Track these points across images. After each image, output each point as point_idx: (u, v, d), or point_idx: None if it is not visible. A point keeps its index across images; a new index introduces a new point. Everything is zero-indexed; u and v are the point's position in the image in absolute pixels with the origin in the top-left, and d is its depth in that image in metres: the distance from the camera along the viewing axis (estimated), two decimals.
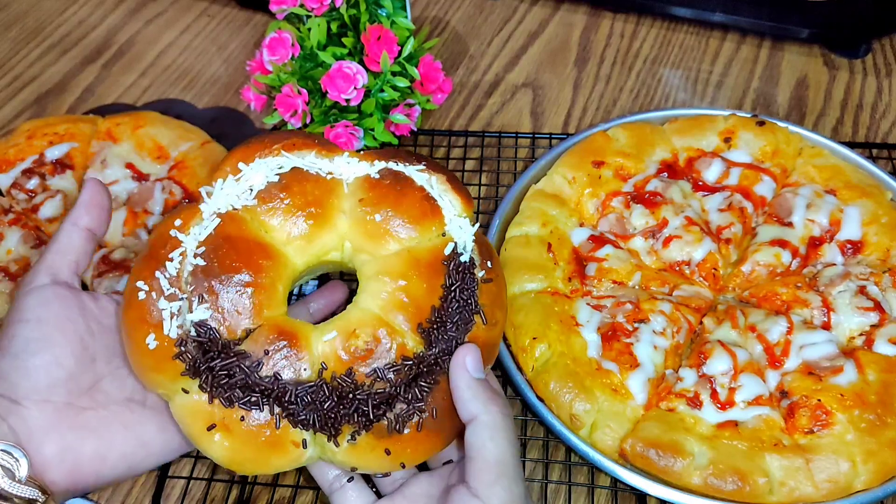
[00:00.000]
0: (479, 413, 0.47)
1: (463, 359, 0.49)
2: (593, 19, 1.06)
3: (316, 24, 0.79)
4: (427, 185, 0.55)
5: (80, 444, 0.48)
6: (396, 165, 0.56)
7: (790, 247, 0.72)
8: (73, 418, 0.48)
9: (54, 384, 0.48)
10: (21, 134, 0.84)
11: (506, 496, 0.46)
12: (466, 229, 0.54)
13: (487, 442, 0.46)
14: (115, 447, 0.50)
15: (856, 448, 0.59)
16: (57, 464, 0.47)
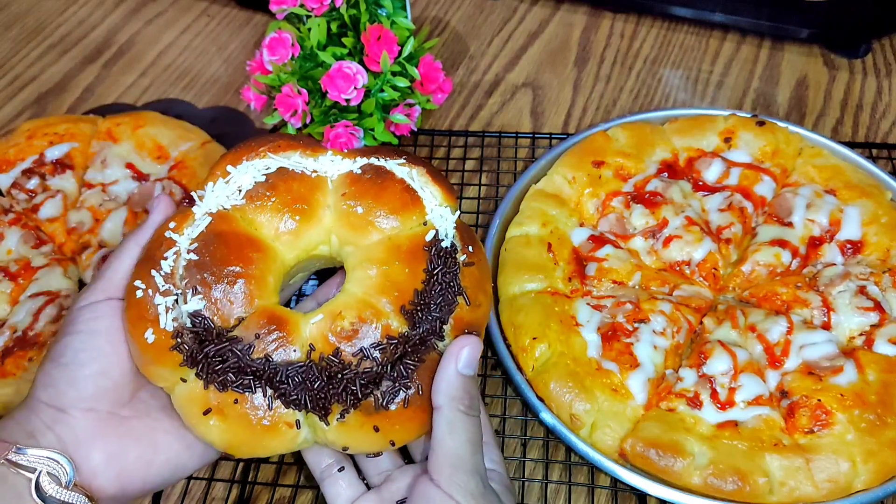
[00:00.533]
0: (443, 405, 0.49)
1: (459, 349, 0.50)
2: (593, 19, 1.06)
3: (316, 24, 0.79)
4: (408, 177, 0.57)
5: (126, 451, 0.50)
6: (378, 161, 0.58)
7: (790, 247, 0.72)
8: (118, 426, 0.50)
9: (100, 394, 0.49)
10: (21, 134, 0.84)
11: (463, 487, 0.47)
12: (447, 217, 0.55)
13: (446, 436, 0.49)
14: (160, 452, 0.51)
15: (856, 448, 0.59)
16: (104, 470, 0.48)
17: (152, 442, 0.51)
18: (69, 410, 0.48)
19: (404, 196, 0.56)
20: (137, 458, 0.50)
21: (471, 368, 0.50)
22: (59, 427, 0.48)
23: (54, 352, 0.50)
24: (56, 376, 0.49)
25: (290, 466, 0.66)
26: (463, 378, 0.50)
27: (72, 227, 0.78)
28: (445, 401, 0.49)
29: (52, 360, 0.49)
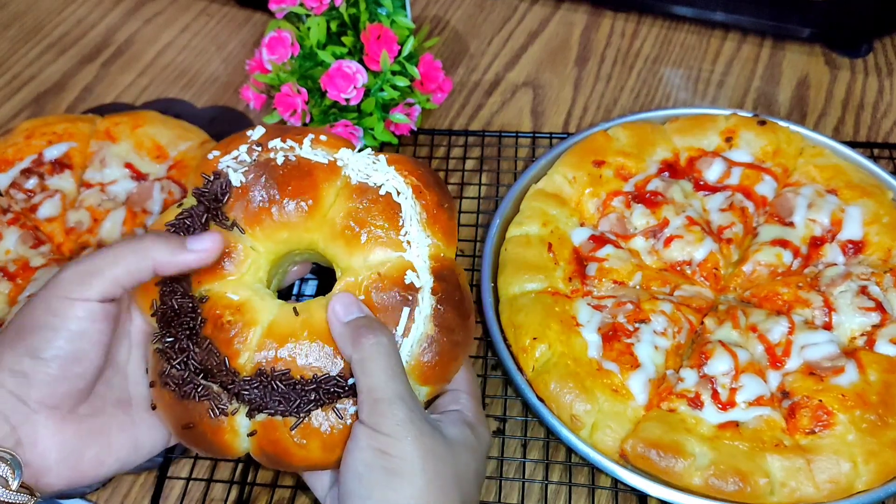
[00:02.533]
0: (351, 353, 0.48)
1: (332, 308, 0.50)
2: (594, 18, 1.06)
3: (315, 23, 0.79)
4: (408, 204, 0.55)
5: (82, 452, 0.49)
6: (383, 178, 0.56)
7: (791, 247, 0.72)
8: (77, 426, 0.49)
9: (70, 395, 0.48)
10: (19, 133, 0.83)
11: (388, 417, 0.46)
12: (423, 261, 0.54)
13: (360, 376, 0.48)
14: (112, 452, 0.50)
15: (857, 448, 0.59)
16: (57, 470, 0.47)
17: (107, 443, 0.50)
18: (33, 406, 0.46)
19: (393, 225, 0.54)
20: (91, 458, 0.49)
21: (354, 311, 0.50)
22: (17, 419, 0.46)
23: (35, 340, 0.47)
24: (32, 370, 0.46)
25: None
26: (353, 323, 0.49)
27: (70, 226, 0.77)
28: (350, 349, 0.48)
29: (31, 351, 0.46)
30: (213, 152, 0.56)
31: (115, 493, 0.66)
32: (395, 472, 0.45)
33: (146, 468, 0.66)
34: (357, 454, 0.46)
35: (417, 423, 0.47)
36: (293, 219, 0.54)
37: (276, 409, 0.49)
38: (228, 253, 0.53)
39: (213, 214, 0.53)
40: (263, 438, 0.50)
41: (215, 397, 0.49)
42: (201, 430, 0.50)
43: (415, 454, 0.46)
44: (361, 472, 0.46)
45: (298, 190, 0.54)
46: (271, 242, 0.54)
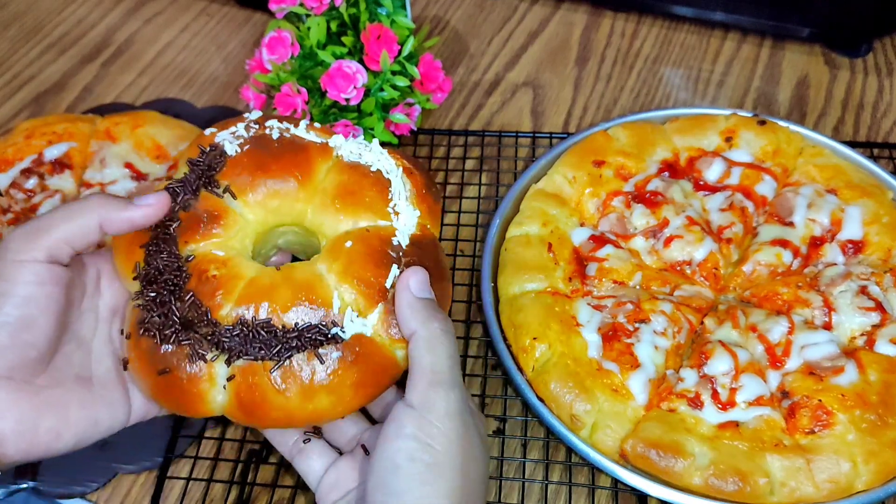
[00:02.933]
0: (417, 328, 0.48)
1: (406, 280, 0.50)
2: (594, 18, 1.06)
3: (315, 23, 0.79)
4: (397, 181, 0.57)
5: (38, 423, 0.47)
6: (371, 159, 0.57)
7: (791, 246, 0.72)
8: (33, 397, 0.48)
9: (23, 364, 0.47)
10: (19, 133, 0.83)
11: (441, 404, 0.45)
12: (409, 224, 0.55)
13: (424, 354, 0.47)
14: (71, 426, 0.49)
15: (857, 448, 0.59)
16: (13, 440, 0.46)
17: (65, 416, 0.49)
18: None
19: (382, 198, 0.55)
20: (48, 430, 0.48)
21: (426, 292, 0.49)
22: None
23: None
24: None
25: (289, 467, 0.65)
26: (425, 301, 0.49)
27: None
28: (418, 324, 0.47)
29: None
30: (210, 129, 0.57)
31: (115, 493, 0.66)
32: (435, 468, 0.44)
33: (146, 468, 0.66)
34: (400, 443, 0.45)
35: (465, 416, 0.46)
36: (285, 188, 0.55)
37: (256, 354, 0.48)
38: (218, 217, 0.53)
39: (205, 182, 0.54)
40: (242, 383, 0.49)
41: (196, 342, 0.49)
42: (177, 377, 0.49)
43: (457, 451, 0.45)
44: (401, 464, 0.44)
45: (292, 163, 0.55)
46: (262, 210, 0.55)
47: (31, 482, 0.66)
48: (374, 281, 0.51)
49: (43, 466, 0.66)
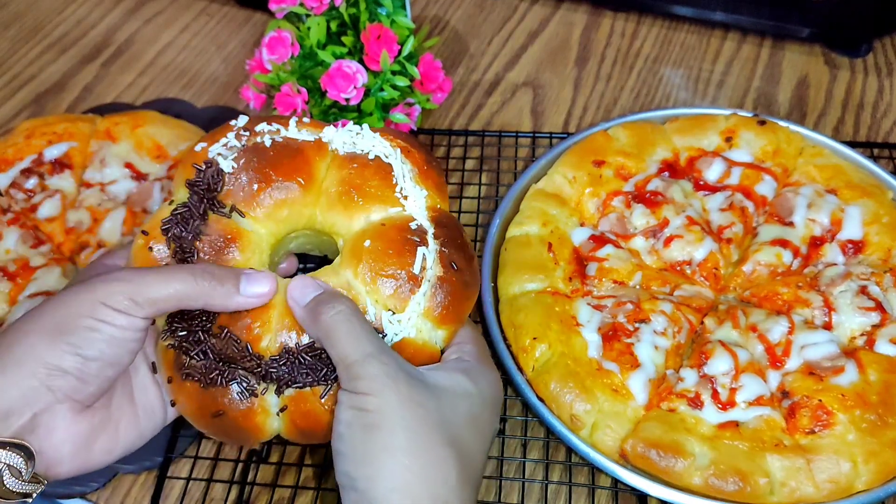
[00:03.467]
0: (315, 333, 0.49)
1: (289, 295, 0.50)
2: (594, 18, 1.06)
3: (315, 23, 0.79)
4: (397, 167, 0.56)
5: (93, 443, 0.49)
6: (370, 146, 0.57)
7: (791, 246, 0.72)
8: (91, 418, 0.49)
9: (95, 394, 0.49)
10: (19, 133, 0.83)
11: (361, 381, 0.46)
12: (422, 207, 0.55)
13: (329, 350, 0.48)
14: (120, 442, 0.51)
15: (857, 448, 0.59)
16: (69, 460, 0.48)
17: (116, 433, 0.51)
18: (59, 396, 0.46)
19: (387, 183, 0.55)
20: (101, 448, 0.50)
21: (306, 296, 0.50)
22: (40, 407, 0.46)
23: (77, 340, 0.46)
24: (72, 366, 0.46)
25: (289, 467, 0.66)
26: (308, 306, 0.49)
27: (70, 226, 0.77)
28: (312, 330, 0.49)
29: (74, 348, 0.46)
30: (199, 144, 0.56)
31: (115, 493, 0.66)
32: (373, 427, 0.45)
33: (146, 468, 0.66)
34: (340, 416, 0.47)
35: (393, 375, 0.47)
36: (290, 195, 0.54)
37: (304, 381, 0.49)
38: (232, 240, 0.53)
39: (209, 204, 0.53)
40: (295, 412, 0.50)
41: (243, 379, 0.50)
42: (231, 417, 0.50)
43: (392, 405, 0.45)
44: (342, 431, 0.46)
45: (292, 168, 0.54)
46: (272, 222, 0.55)
47: None
48: (402, 273, 0.51)
49: None
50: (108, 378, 0.49)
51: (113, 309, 0.47)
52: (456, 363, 0.53)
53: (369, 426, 0.45)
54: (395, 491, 0.44)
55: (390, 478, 0.44)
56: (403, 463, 0.44)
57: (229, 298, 0.49)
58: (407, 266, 0.51)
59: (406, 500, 0.44)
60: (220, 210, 0.53)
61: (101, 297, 0.47)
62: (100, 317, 0.47)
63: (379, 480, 0.44)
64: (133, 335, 0.49)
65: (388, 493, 0.44)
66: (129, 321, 0.48)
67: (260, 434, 0.51)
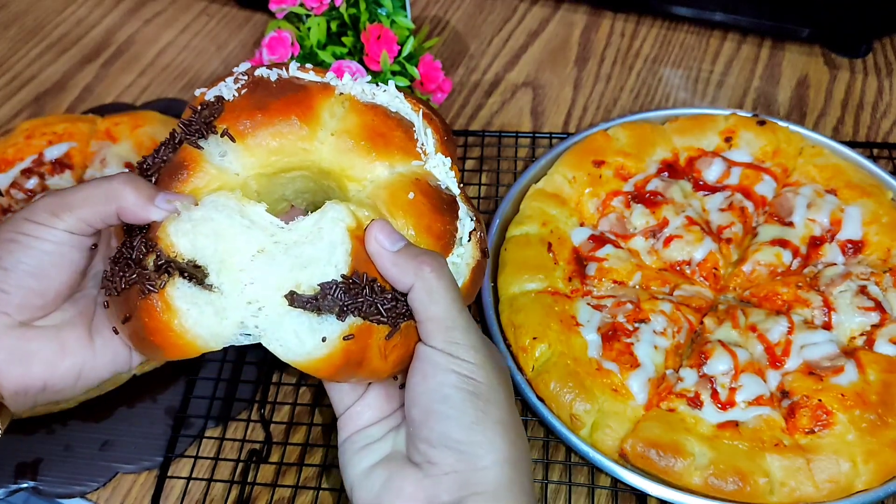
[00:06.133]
0: (412, 281, 0.47)
1: (374, 238, 0.47)
2: (593, 18, 1.06)
3: (315, 24, 0.79)
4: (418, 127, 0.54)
5: (31, 352, 0.48)
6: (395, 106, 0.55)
7: (791, 246, 0.72)
8: (28, 330, 0.49)
9: (22, 308, 0.48)
10: (20, 133, 0.83)
11: (465, 342, 0.46)
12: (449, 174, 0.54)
13: (429, 305, 0.46)
14: (67, 356, 0.49)
15: (857, 448, 0.59)
16: (5, 368, 0.47)
17: (60, 345, 0.49)
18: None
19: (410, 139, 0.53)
20: (43, 360, 0.49)
21: (399, 240, 0.48)
22: None
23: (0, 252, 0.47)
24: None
25: (289, 467, 0.66)
26: (404, 251, 0.47)
27: None
28: (411, 277, 0.47)
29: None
30: (199, 90, 0.55)
31: (115, 493, 0.66)
32: (482, 398, 0.45)
33: (146, 468, 0.66)
34: (441, 377, 0.46)
35: (486, 349, 0.47)
36: (286, 127, 0.52)
37: (370, 314, 0.46)
38: (187, 167, 0.50)
39: (198, 133, 0.51)
40: (354, 344, 0.46)
41: (143, 277, 0.46)
42: (138, 318, 0.46)
43: (496, 380, 0.46)
44: (449, 393, 0.45)
45: (293, 100, 0.52)
46: (263, 152, 0.52)
47: (30, 482, 0.66)
48: (444, 229, 0.50)
49: (43, 465, 0.66)
50: (32, 291, 0.48)
51: (33, 222, 0.47)
52: None
53: (479, 395, 0.45)
54: (505, 462, 0.45)
55: (500, 449, 0.45)
56: (510, 437, 0.46)
57: (143, 207, 0.48)
58: (447, 225, 0.50)
59: (513, 471, 0.45)
60: (208, 137, 0.51)
61: (25, 213, 0.48)
62: (22, 230, 0.47)
63: (489, 449, 0.45)
64: (56, 248, 0.48)
65: (499, 463, 0.45)
66: (50, 233, 0.48)
67: (175, 337, 0.46)
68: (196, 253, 0.46)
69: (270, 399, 0.70)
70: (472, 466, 0.44)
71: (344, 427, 0.53)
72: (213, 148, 0.51)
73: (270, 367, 0.72)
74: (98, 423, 0.69)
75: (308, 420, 0.68)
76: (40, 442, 0.67)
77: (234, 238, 0.47)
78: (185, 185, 0.50)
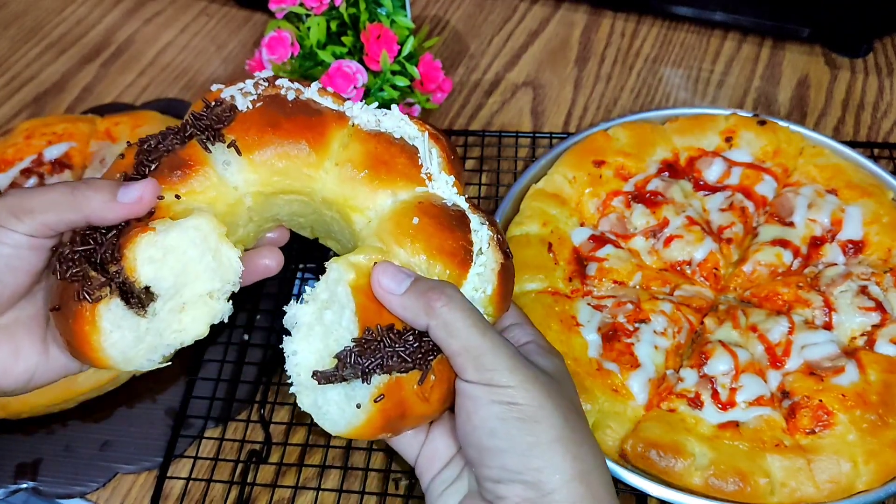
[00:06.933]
0: (426, 322, 0.46)
1: (378, 284, 0.47)
2: (594, 18, 1.06)
3: (315, 23, 0.79)
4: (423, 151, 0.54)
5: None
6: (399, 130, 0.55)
7: (791, 246, 0.72)
8: None
9: None
10: (19, 133, 0.83)
11: (498, 366, 0.45)
12: None
13: (451, 341, 0.45)
14: (21, 360, 0.48)
15: (857, 448, 0.59)
16: None
17: (15, 349, 0.48)
18: None
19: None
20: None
21: (405, 281, 0.47)
22: None
23: None
24: None
25: (289, 467, 0.66)
26: (412, 291, 0.46)
27: None
28: (423, 318, 0.46)
29: None
30: (215, 85, 0.54)
31: (115, 493, 0.66)
32: (530, 419, 0.44)
33: (146, 468, 0.66)
34: (484, 412, 0.44)
35: (523, 366, 0.46)
36: (294, 150, 0.51)
37: (394, 366, 0.45)
38: (191, 166, 0.49)
39: (209, 135, 0.50)
40: (390, 401, 0.45)
41: (87, 280, 0.45)
42: (63, 314, 0.46)
43: (541, 396, 0.45)
44: (495, 426, 0.44)
45: (306, 124, 0.52)
46: (266, 171, 0.51)
47: (30, 482, 0.66)
48: (457, 245, 0.49)
49: (43, 466, 0.66)
50: None
51: (8, 230, 0.46)
52: (534, 347, 0.51)
53: (525, 419, 0.44)
54: (573, 480, 0.44)
55: (564, 468, 0.44)
56: (572, 452, 0.44)
57: (107, 206, 0.47)
58: (459, 241, 0.49)
59: (584, 487, 0.44)
60: (215, 143, 0.50)
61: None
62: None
63: (552, 472, 0.44)
64: (14, 251, 0.46)
65: (566, 482, 0.43)
66: (8, 235, 0.46)
67: (88, 349, 0.46)
68: (154, 282, 0.46)
69: (270, 399, 0.70)
70: (541, 492, 0.43)
71: (422, 475, 0.52)
72: (218, 155, 0.51)
73: (270, 367, 0.71)
74: (98, 424, 0.69)
75: (308, 420, 0.68)
76: (40, 442, 0.67)
77: (196, 276, 0.48)
78: (182, 186, 0.49)
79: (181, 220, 0.47)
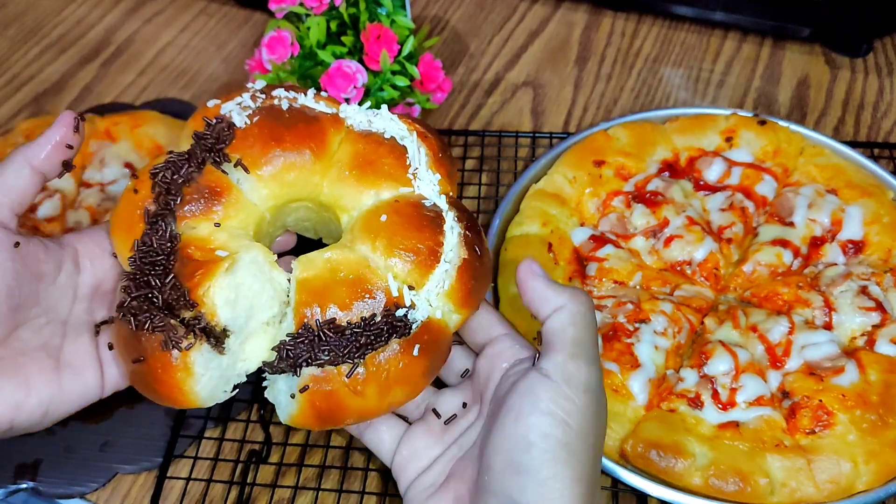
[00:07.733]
0: (565, 302, 0.45)
1: (529, 268, 0.48)
2: (594, 18, 1.06)
3: (315, 23, 0.79)
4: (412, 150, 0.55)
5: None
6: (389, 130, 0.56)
7: (792, 246, 0.72)
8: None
9: None
10: (19, 133, 0.83)
11: (581, 378, 0.42)
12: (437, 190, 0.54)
13: (568, 326, 0.44)
14: (32, 394, 0.47)
15: (857, 448, 0.59)
16: None
17: (24, 382, 0.47)
18: None
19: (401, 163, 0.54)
20: (6, 399, 0.46)
21: (545, 273, 0.48)
22: None
23: None
24: None
25: (289, 467, 0.66)
26: (553, 283, 0.47)
27: (70, 226, 0.77)
28: (565, 298, 0.45)
29: None
30: (212, 101, 0.54)
31: (115, 493, 0.66)
32: (567, 448, 0.41)
33: (146, 468, 0.66)
34: (534, 419, 0.42)
35: (600, 394, 0.44)
36: (301, 160, 0.53)
37: (325, 359, 0.46)
38: (220, 194, 0.50)
39: (213, 156, 0.51)
40: (317, 393, 0.47)
41: (171, 330, 0.46)
42: (150, 366, 0.46)
43: (588, 431, 0.42)
44: (534, 441, 0.41)
45: (306, 132, 0.53)
46: (276, 184, 0.53)
47: (30, 482, 0.66)
48: (423, 247, 0.49)
49: (43, 466, 0.66)
50: None
51: None
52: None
53: (564, 445, 0.41)
54: None
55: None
56: (583, 493, 0.41)
57: (43, 143, 0.48)
58: (426, 241, 0.50)
59: None
60: (224, 163, 0.51)
61: None
62: None
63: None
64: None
65: None
66: None
67: (179, 394, 0.47)
68: (230, 322, 0.48)
69: None
70: None
71: (399, 475, 0.51)
72: (231, 175, 0.52)
73: None
74: (98, 424, 0.69)
75: None
76: (40, 442, 0.67)
77: (262, 308, 0.50)
78: (216, 214, 0.50)
79: (238, 255, 0.49)
